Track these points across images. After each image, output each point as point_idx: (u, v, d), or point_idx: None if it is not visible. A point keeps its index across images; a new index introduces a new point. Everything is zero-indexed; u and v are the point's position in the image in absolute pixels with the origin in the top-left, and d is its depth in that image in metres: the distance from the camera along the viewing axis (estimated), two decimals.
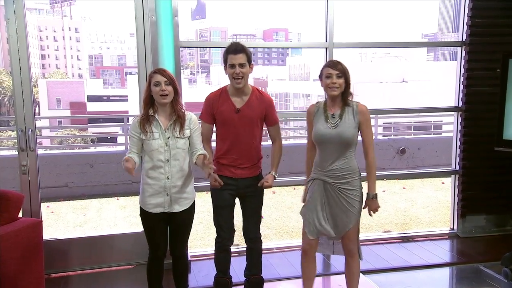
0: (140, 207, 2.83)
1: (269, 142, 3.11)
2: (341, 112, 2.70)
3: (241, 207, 3.08)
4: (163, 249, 2.88)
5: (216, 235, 3.07)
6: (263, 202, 3.09)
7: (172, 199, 2.75)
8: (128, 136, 2.86)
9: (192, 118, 2.80)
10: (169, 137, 2.71)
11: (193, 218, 2.91)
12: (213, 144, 3.05)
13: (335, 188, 2.71)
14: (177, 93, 2.74)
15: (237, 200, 3.06)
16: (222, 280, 3.08)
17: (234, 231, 3.08)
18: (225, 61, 2.85)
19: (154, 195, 2.74)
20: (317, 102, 2.84)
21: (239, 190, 2.98)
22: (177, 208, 2.78)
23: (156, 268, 2.92)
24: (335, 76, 2.65)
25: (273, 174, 3.00)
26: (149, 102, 2.73)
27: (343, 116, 2.69)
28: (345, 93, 2.70)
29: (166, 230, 2.88)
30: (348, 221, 2.72)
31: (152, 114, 2.72)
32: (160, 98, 2.68)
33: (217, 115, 2.91)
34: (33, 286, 2.96)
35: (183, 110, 2.77)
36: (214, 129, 3.02)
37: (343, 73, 2.67)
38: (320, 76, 2.73)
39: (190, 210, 2.85)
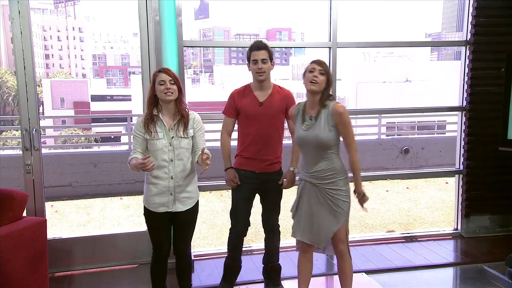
0: (144, 206, 2.83)
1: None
2: (317, 114, 2.67)
3: (261, 201, 3.16)
4: (167, 248, 2.89)
5: (230, 226, 3.15)
6: (282, 194, 3.17)
7: (176, 198, 2.76)
8: (132, 136, 2.86)
9: (196, 117, 2.80)
10: (173, 137, 2.71)
11: (196, 218, 2.91)
12: (234, 143, 3.13)
13: (321, 189, 2.69)
14: (181, 92, 2.75)
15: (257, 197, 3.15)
16: (232, 264, 3.16)
17: (249, 224, 3.14)
18: (248, 58, 3.00)
19: (158, 194, 2.75)
20: (298, 103, 2.84)
21: (260, 185, 3.07)
22: (181, 208, 2.78)
23: (160, 267, 2.92)
24: (318, 71, 2.64)
25: (291, 169, 3.05)
26: (153, 101, 2.74)
27: (318, 118, 2.66)
28: (325, 94, 2.67)
29: (169, 229, 2.88)
30: (335, 221, 2.70)
31: (156, 113, 2.73)
32: (164, 96, 2.68)
33: (240, 109, 3.04)
34: (37, 285, 2.97)
35: (186, 110, 2.77)
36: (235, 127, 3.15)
37: (326, 72, 2.66)
38: (304, 73, 2.71)
39: (194, 210, 2.85)
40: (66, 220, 6.45)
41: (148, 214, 2.82)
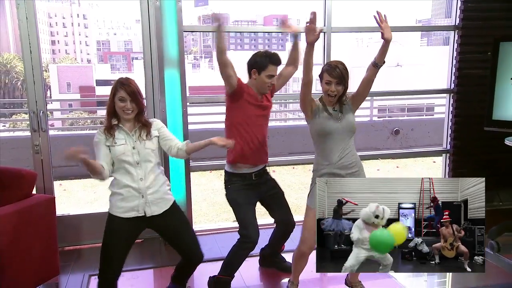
0: (109, 213, 2.50)
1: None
2: (340, 106, 2.61)
3: None
4: (117, 268, 2.48)
5: None
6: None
7: (149, 200, 2.46)
8: (94, 148, 2.50)
9: (156, 120, 2.59)
10: (135, 140, 2.46)
11: (185, 215, 2.70)
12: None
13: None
14: (142, 108, 2.46)
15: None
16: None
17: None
18: (260, 67, 2.77)
19: (128, 197, 2.44)
20: (317, 100, 2.67)
21: None
22: (157, 210, 2.49)
23: None
24: (334, 84, 2.53)
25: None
26: (112, 112, 2.46)
27: (343, 108, 2.61)
28: (343, 95, 2.60)
29: (129, 247, 2.53)
30: None
31: (116, 123, 2.47)
32: (123, 114, 2.42)
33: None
34: (48, 258, 3.00)
35: (149, 121, 2.53)
36: None
37: (342, 80, 2.52)
38: (321, 78, 2.59)
39: (175, 209, 2.58)
40: (74, 198, 6.47)
41: (112, 220, 2.48)
